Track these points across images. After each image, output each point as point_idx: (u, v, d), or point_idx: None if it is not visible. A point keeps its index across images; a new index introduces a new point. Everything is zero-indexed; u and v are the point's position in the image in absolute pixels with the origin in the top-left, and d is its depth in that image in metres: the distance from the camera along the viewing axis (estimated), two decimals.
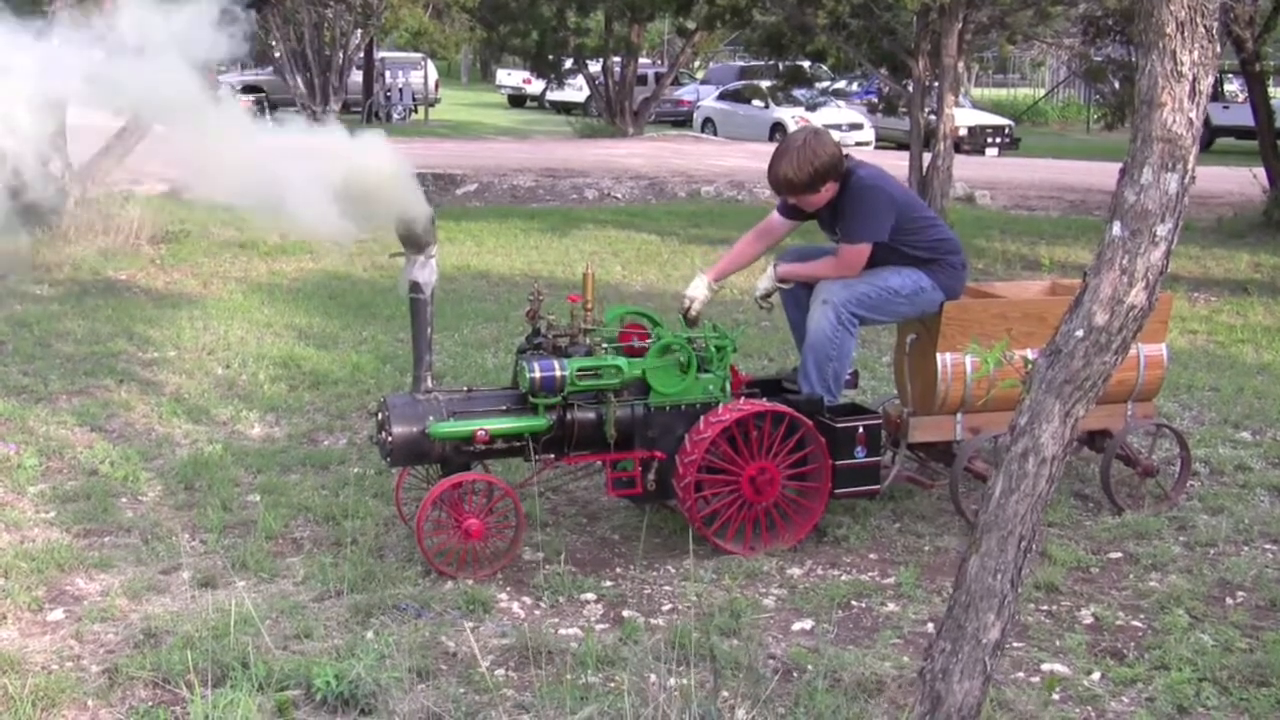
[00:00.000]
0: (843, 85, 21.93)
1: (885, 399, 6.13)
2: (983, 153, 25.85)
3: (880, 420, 5.13)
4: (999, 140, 26.81)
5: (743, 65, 34.04)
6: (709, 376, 4.95)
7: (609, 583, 4.70)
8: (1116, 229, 2.90)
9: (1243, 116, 20.43)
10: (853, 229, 5.22)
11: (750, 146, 25.22)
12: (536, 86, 39.80)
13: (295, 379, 7.40)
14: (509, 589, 4.61)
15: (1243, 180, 15.59)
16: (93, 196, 12.29)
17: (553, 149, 24.37)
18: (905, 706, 3.42)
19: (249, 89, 29.46)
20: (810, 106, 20.82)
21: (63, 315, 8.91)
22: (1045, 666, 4.02)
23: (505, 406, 4.85)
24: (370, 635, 4.11)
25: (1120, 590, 4.61)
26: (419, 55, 33.47)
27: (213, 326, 8.66)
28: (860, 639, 4.23)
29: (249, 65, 30.44)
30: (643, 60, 33.40)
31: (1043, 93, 39.89)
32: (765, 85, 21.50)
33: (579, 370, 4.76)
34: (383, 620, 4.25)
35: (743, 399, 5.00)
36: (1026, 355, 3.85)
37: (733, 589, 4.58)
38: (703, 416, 4.86)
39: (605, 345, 4.94)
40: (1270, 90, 13.90)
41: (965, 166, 18.17)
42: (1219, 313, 9.75)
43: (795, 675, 3.90)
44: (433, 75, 35.43)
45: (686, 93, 36.61)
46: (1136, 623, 4.35)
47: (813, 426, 4.92)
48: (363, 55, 30.65)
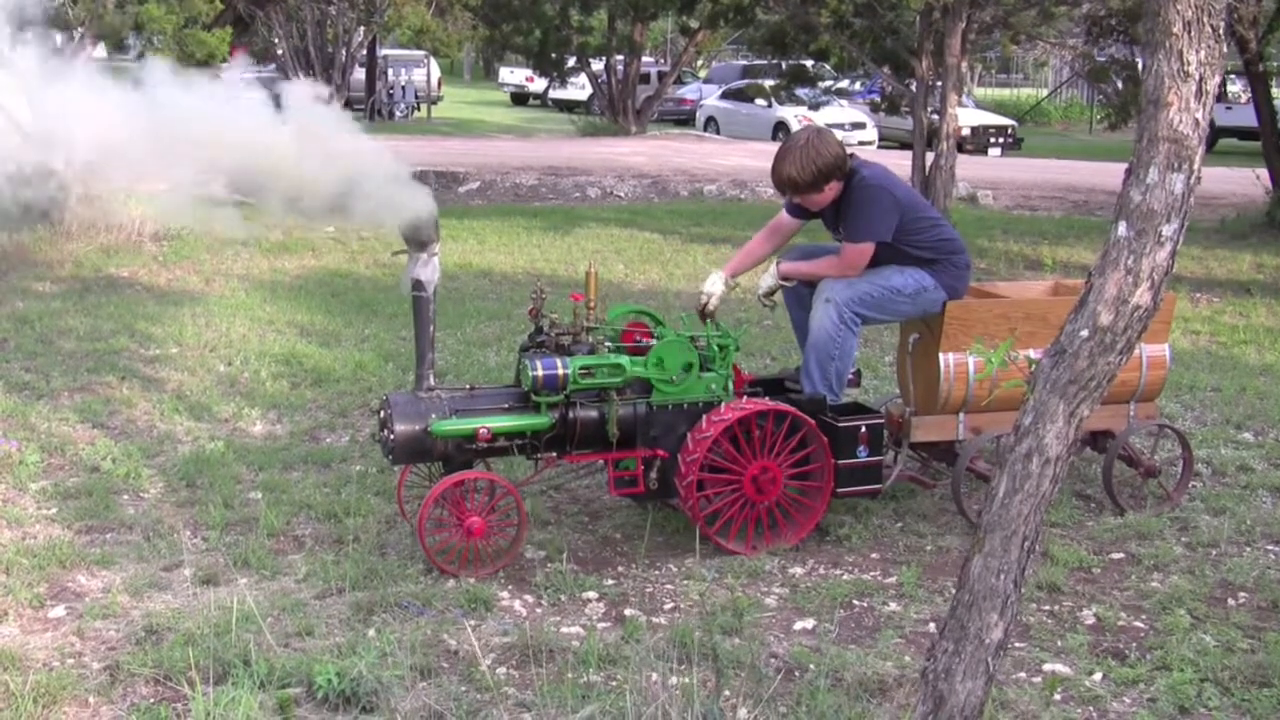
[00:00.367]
0: (846, 84, 21.90)
1: (888, 398, 6.13)
2: (985, 153, 25.86)
3: (882, 419, 5.13)
4: (1002, 140, 26.82)
5: (745, 64, 33.98)
6: (711, 375, 4.95)
7: (611, 581, 4.69)
8: (1122, 229, 2.89)
9: (1245, 117, 20.44)
10: (856, 228, 5.22)
11: (753, 145, 25.23)
12: (539, 85, 39.76)
13: (297, 376, 7.40)
14: (511, 587, 4.61)
15: (1245, 181, 15.57)
16: (95, 193, 12.28)
17: (555, 147, 24.37)
18: (907, 706, 3.41)
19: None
20: (813, 106, 20.80)
21: (64, 312, 8.91)
22: (1047, 667, 4.01)
23: (507, 405, 4.84)
24: (372, 633, 4.11)
25: (1122, 591, 4.61)
26: (422, 53, 33.44)
27: (215, 324, 8.66)
28: (862, 638, 4.23)
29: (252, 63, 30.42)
30: (645, 59, 33.37)
31: (1046, 93, 39.88)
32: (768, 84, 21.44)
33: (581, 369, 4.76)
34: (384, 618, 4.25)
35: (745, 398, 5.00)
36: (1029, 355, 3.84)
37: (735, 588, 4.57)
38: (705, 415, 4.86)
39: (608, 344, 4.94)
40: (1274, 91, 13.86)
41: (968, 166, 18.17)
42: (1221, 313, 9.75)
43: (797, 674, 3.90)
44: (435, 73, 35.45)
45: (689, 91, 36.60)
46: (1138, 623, 4.35)
47: (815, 426, 4.92)
48: (365, 53, 30.66)
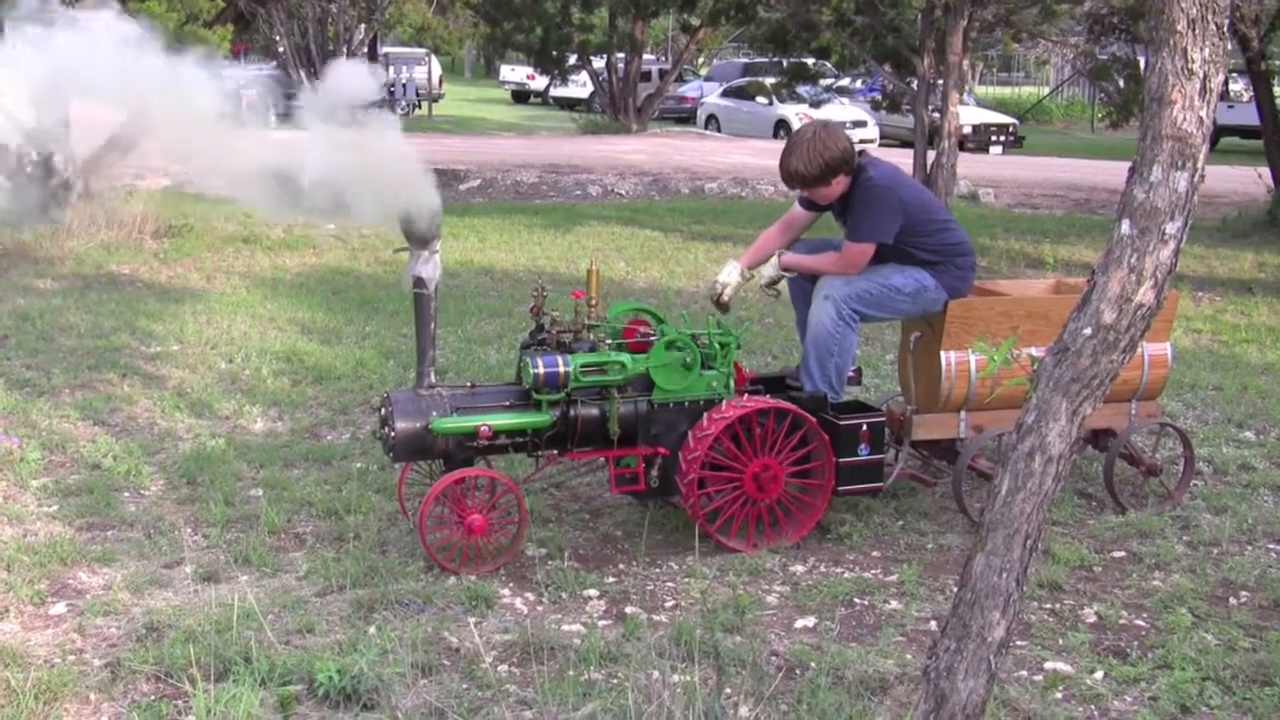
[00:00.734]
0: (847, 82, 21.92)
1: (889, 396, 6.13)
2: (987, 151, 25.86)
3: (884, 417, 5.12)
4: (1003, 138, 26.82)
5: (746, 62, 34.01)
6: (713, 373, 4.94)
7: (612, 579, 4.69)
8: (1125, 227, 2.88)
9: (1248, 116, 20.40)
10: (858, 228, 5.21)
11: (754, 143, 25.24)
12: (540, 82, 39.76)
13: (298, 374, 7.39)
14: (511, 585, 4.61)
15: (1247, 180, 15.57)
16: (96, 190, 12.28)
17: (556, 145, 24.38)
18: (908, 704, 3.41)
19: None
20: (814, 103, 20.78)
21: (65, 309, 8.90)
22: (1048, 665, 4.01)
23: (508, 402, 4.84)
24: (373, 630, 4.11)
25: (1123, 589, 4.60)
26: (423, 51, 33.43)
27: (216, 321, 8.65)
28: (863, 636, 4.22)
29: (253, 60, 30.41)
30: (646, 56, 33.38)
31: (1047, 91, 39.86)
32: (769, 82, 21.44)
33: (582, 366, 4.75)
34: (385, 615, 4.25)
35: (746, 396, 4.99)
36: (1031, 353, 3.84)
37: (736, 586, 4.57)
38: (706, 413, 4.85)
39: (609, 341, 4.93)
40: (1275, 90, 13.84)
41: (969, 164, 18.18)
42: (1223, 312, 9.74)
43: (798, 672, 3.89)
44: (436, 71, 35.46)
45: (690, 89, 36.60)
46: (1140, 622, 4.34)
47: (816, 424, 4.91)
48: (366, 50, 30.61)
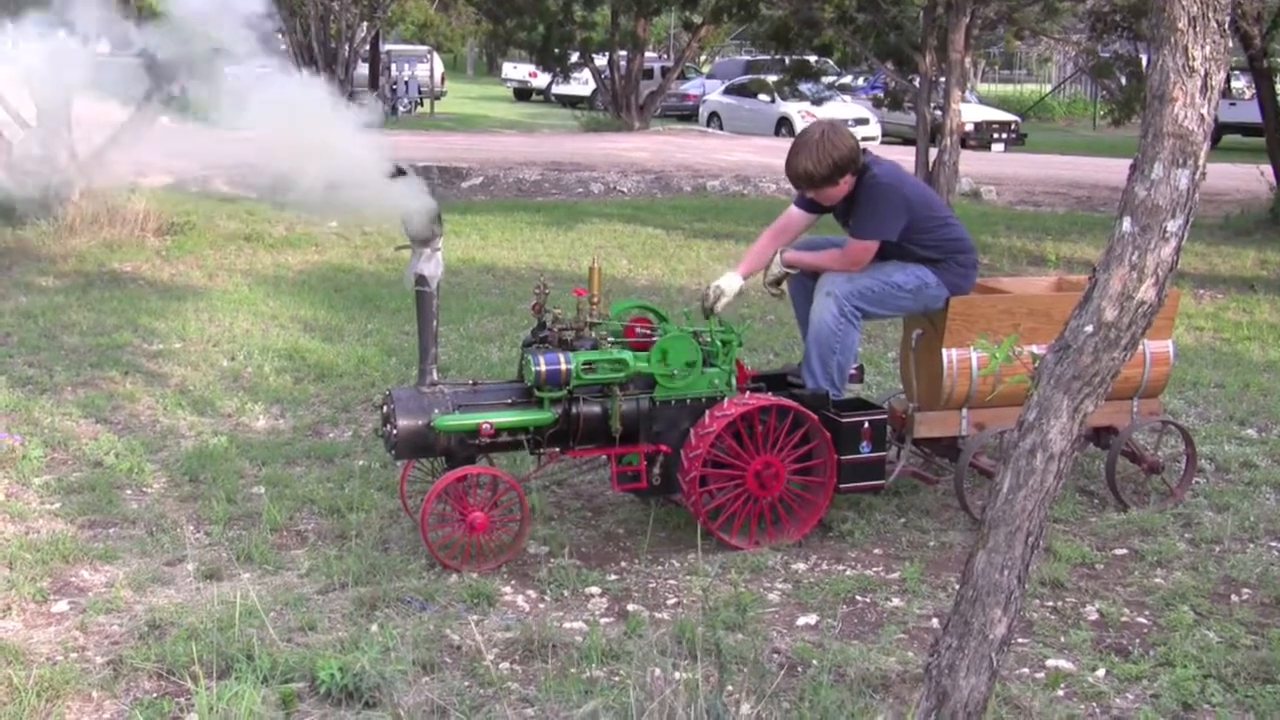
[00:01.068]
0: (849, 80, 21.92)
1: (891, 394, 6.13)
2: (989, 148, 25.85)
3: (885, 415, 5.12)
4: (1005, 136, 26.80)
5: (749, 59, 33.94)
6: (714, 371, 4.94)
7: (614, 577, 4.69)
8: (1126, 224, 2.88)
9: (1250, 113, 20.40)
10: (862, 225, 5.21)
11: (756, 141, 25.21)
12: (542, 80, 39.76)
13: (300, 371, 7.40)
14: (513, 582, 4.61)
15: (1249, 177, 15.55)
16: (98, 188, 12.28)
17: (558, 143, 24.37)
18: (910, 702, 3.41)
19: None
20: (816, 101, 20.82)
21: (68, 307, 8.91)
22: (1050, 662, 4.01)
23: (510, 400, 4.84)
24: (375, 628, 4.11)
25: (1125, 587, 4.60)
26: (425, 48, 33.46)
27: (218, 319, 8.66)
28: (865, 634, 4.23)
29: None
30: (649, 54, 33.34)
31: (1049, 88, 39.83)
32: (771, 79, 21.48)
33: (584, 364, 4.76)
34: (387, 613, 4.25)
35: (748, 393, 4.99)
36: (1033, 351, 3.84)
37: (738, 583, 4.57)
38: (708, 411, 4.85)
39: (611, 339, 4.93)
40: (1278, 87, 13.82)
41: (971, 162, 18.17)
42: (1225, 310, 9.74)
43: (800, 670, 3.89)
44: (438, 68, 35.43)
45: (692, 87, 36.57)
46: (1141, 619, 4.34)
47: (818, 421, 4.91)
48: (368, 48, 30.63)
